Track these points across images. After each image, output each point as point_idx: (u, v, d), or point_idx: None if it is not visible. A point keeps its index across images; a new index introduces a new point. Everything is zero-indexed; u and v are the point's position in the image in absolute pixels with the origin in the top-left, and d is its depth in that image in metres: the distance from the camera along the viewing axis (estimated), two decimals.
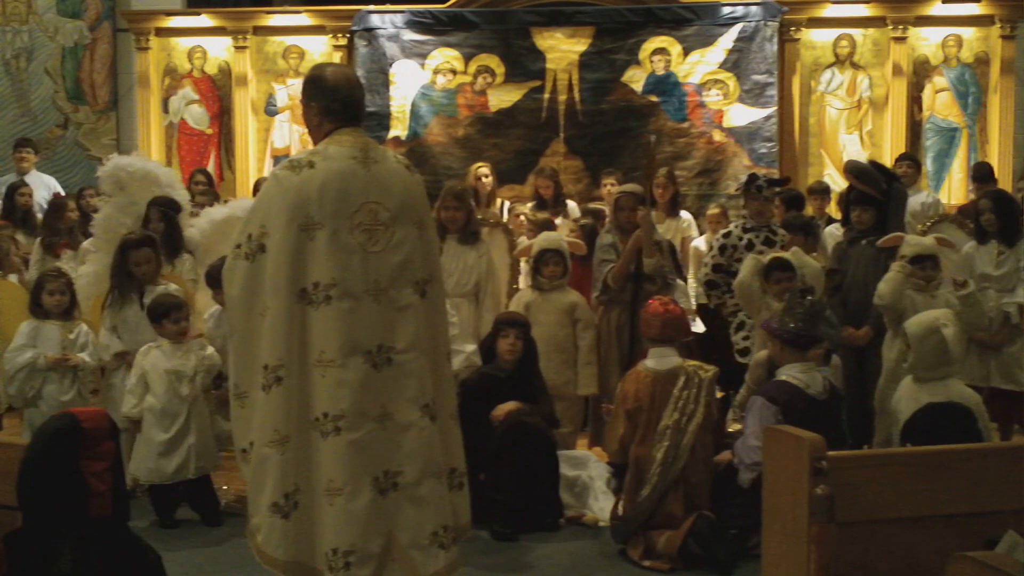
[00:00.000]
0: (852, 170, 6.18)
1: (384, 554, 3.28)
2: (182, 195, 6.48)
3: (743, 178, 6.66)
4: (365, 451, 3.27)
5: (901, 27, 9.64)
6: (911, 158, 8.55)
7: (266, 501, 3.29)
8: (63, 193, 8.85)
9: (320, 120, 3.47)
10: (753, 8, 9.47)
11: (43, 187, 8.87)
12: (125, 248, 5.50)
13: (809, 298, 4.81)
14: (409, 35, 9.69)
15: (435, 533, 3.33)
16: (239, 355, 3.43)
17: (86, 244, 6.70)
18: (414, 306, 3.38)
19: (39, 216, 8.14)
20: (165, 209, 6.10)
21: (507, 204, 8.37)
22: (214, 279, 5.19)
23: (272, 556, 3.31)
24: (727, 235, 6.28)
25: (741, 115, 9.51)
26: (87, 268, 6.24)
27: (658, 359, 4.80)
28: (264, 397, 3.30)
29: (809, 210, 7.77)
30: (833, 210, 8.57)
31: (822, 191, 8.30)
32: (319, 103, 3.46)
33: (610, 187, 7.86)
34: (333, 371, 3.26)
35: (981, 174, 8.58)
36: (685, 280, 6.98)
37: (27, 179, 8.66)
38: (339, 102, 3.44)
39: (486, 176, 8.13)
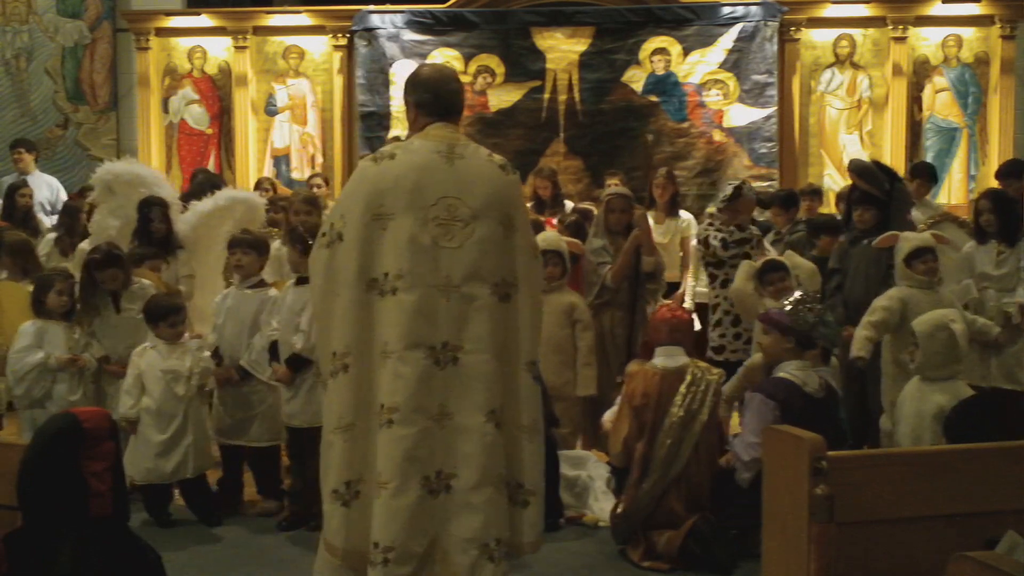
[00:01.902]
0: (855, 169, 6.17)
1: (426, 555, 3.22)
2: (168, 192, 6.49)
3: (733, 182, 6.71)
4: (416, 448, 3.21)
5: (901, 27, 9.64)
6: (925, 172, 8.22)
7: (329, 487, 3.29)
8: (64, 193, 8.87)
9: (415, 114, 3.49)
10: (753, 8, 9.48)
11: (45, 187, 8.88)
12: (90, 268, 5.46)
13: (816, 306, 4.83)
14: (409, 35, 9.69)
15: (486, 544, 3.23)
16: (320, 340, 3.48)
17: (83, 245, 6.72)
18: (489, 307, 3.29)
19: (39, 216, 8.14)
20: (163, 208, 6.14)
21: None
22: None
23: (331, 543, 3.29)
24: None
25: (741, 115, 9.52)
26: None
27: (667, 357, 4.80)
28: (333, 383, 3.30)
29: (802, 211, 7.76)
30: (831, 211, 8.56)
31: (812, 192, 8.29)
32: (412, 97, 3.49)
33: (613, 187, 7.84)
34: (391, 363, 3.23)
35: (1007, 171, 8.08)
36: None
37: (29, 179, 8.68)
38: (429, 96, 3.44)
39: None
